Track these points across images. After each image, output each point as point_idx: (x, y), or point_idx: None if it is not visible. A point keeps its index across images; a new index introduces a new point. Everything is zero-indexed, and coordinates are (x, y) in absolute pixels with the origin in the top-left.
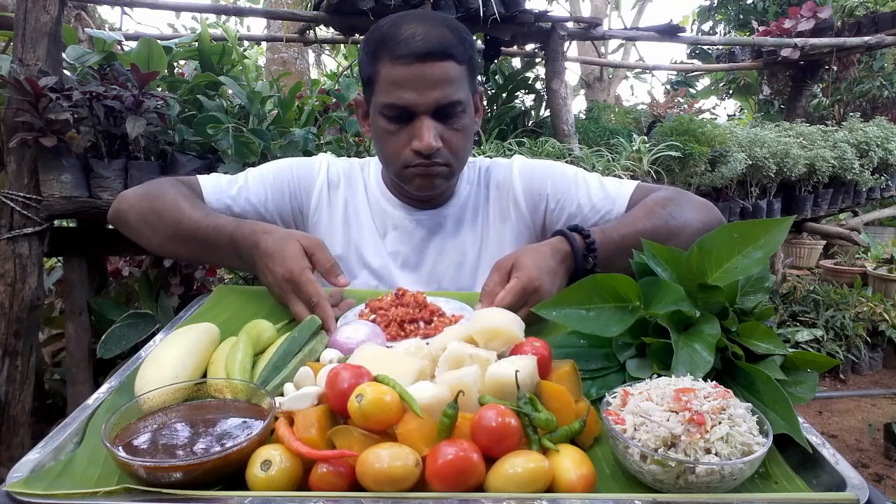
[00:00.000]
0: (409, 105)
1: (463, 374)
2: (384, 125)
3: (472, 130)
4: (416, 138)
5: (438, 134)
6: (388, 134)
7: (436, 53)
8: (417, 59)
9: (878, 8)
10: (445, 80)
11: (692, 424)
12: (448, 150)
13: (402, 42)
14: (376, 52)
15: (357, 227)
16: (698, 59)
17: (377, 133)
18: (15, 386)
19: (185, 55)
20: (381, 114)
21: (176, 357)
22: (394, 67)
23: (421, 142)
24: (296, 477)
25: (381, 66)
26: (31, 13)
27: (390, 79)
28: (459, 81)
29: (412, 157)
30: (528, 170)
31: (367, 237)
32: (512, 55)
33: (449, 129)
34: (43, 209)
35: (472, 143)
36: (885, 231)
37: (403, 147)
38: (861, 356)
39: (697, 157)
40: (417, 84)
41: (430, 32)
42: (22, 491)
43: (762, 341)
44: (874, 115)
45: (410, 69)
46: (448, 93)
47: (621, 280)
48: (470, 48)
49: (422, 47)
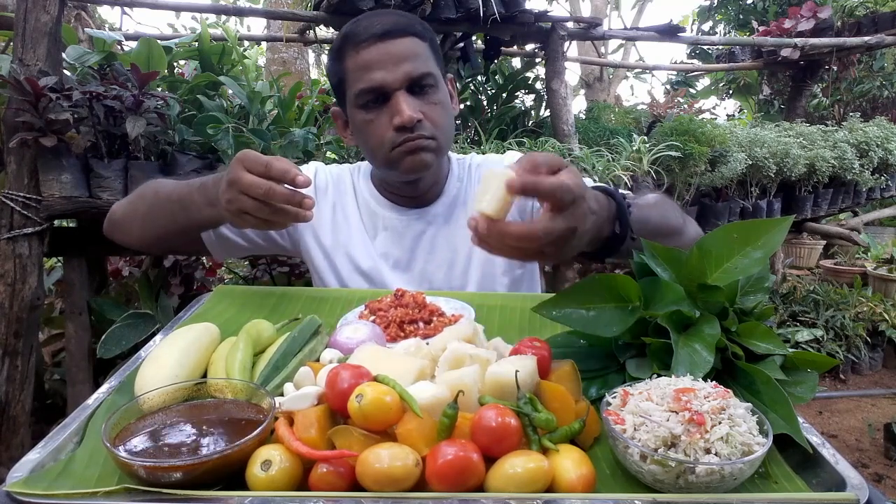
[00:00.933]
0: (381, 84)
1: (463, 374)
2: (363, 116)
3: (450, 108)
4: (396, 114)
5: (417, 107)
6: (368, 123)
7: (396, 31)
8: (379, 38)
9: (878, 8)
10: (411, 54)
11: (692, 424)
12: (430, 123)
13: (361, 30)
14: (340, 51)
15: (346, 229)
16: (698, 59)
17: (358, 130)
18: (15, 386)
19: (185, 55)
20: (357, 105)
21: (176, 357)
22: (359, 54)
23: (401, 116)
24: (296, 477)
25: (347, 60)
26: (31, 13)
27: (358, 65)
28: (425, 56)
29: (396, 136)
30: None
31: (357, 239)
32: (512, 55)
33: (426, 103)
34: (43, 209)
35: (453, 122)
36: (885, 231)
37: (385, 129)
38: (861, 356)
39: (697, 157)
40: (385, 62)
41: (386, 17)
42: (22, 491)
43: (762, 341)
44: (874, 115)
45: (375, 49)
46: (417, 65)
47: (621, 280)
48: (430, 33)
49: (380, 28)
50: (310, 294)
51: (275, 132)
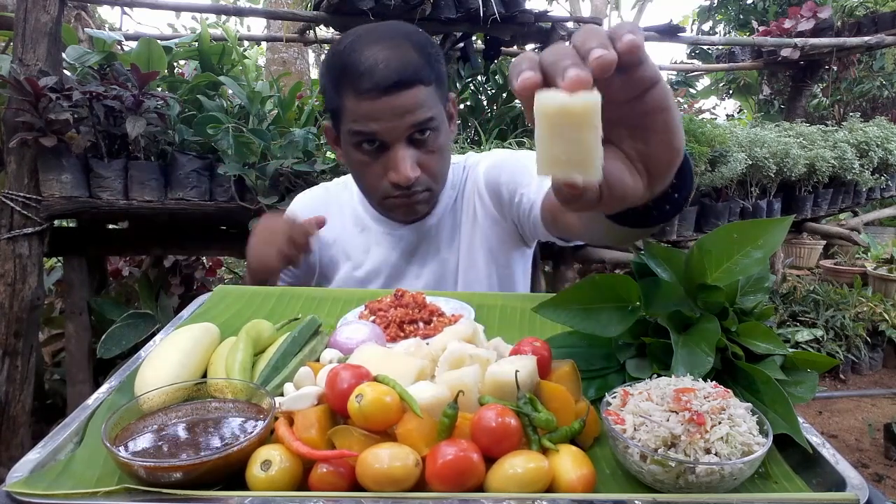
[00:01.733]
0: (380, 135)
1: (463, 374)
2: (357, 156)
3: (448, 145)
4: (393, 170)
5: (415, 161)
6: (362, 165)
7: (402, 82)
8: (382, 91)
9: (878, 8)
10: (417, 105)
11: (692, 424)
12: (427, 175)
13: (364, 74)
14: (339, 84)
15: (338, 248)
16: (698, 59)
17: (351, 163)
18: (15, 386)
19: (185, 55)
20: (353, 144)
21: (176, 357)
22: (360, 102)
23: (398, 174)
24: (296, 477)
25: (346, 100)
26: (31, 13)
27: (357, 112)
28: (430, 102)
29: (391, 188)
30: (496, 161)
31: (350, 256)
32: (512, 55)
33: (425, 152)
34: (43, 209)
35: (449, 157)
36: (885, 231)
37: (380, 179)
38: (861, 356)
39: (697, 157)
40: (387, 115)
41: (392, 58)
42: (22, 491)
43: (762, 341)
44: (874, 115)
45: (378, 103)
46: (420, 114)
47: (621, 280)
48: (436, 62)
49: (386, 77)
50: (310, 294)
51: (275, 132)
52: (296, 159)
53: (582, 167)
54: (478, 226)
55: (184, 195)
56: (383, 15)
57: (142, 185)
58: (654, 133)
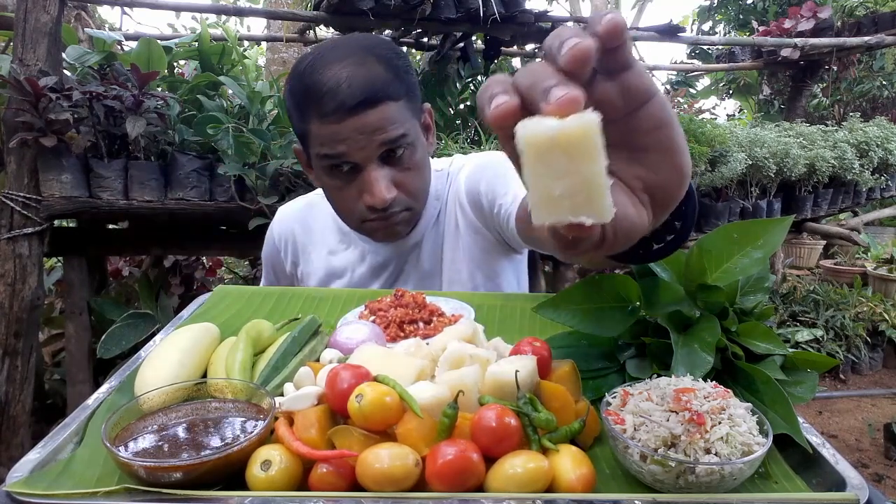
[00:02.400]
0: (350, 158)
1: (463, 374)
2: (330, 181)
3: (426, 162)
4: (367, 192)
5: (390, 180)
6: (336, 189)
7: (368, 100)
8: (349, 112)
9: (878, 8)
10: (386, 123)
11: (692, 424)
12: (405, 195)
13: (327, 95)
14: (302, 108)
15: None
16: (698, 59)
17: (325, 188)
18: (15, 386)
19: (185, 55)
20: (323, 169)
21: (176, 357)
22: (325, 125)
23: (373, 196)
24: (296, 477)
25: (311, 124)
26: (31, 13)
27: (324, 136)
28: (400, 118)
29: (367, 211)
30: (476, 167)
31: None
32: (512, 55)
33: (401, 170)
34: (43, 209)
35: (429, 173)
36: (885, 231)
37: (355, 202)
38: (861, 356)
39: (697, 157)
40: (356, 135)
41: (355, 76)
42: (22, 491)
43: (762, 341)
44: (874, 115)
45: (344, 125)
46: (390, 134)
47: (621, 280)
48: (405, 73)
49: (351, 96)
50: (310, 294)
51: (275, 132)
52: (296, 159)
53: (588, 206)
54: (460, 236)
55: (184, 195)
56: (383, 15)
57: (142, 185)
58: (656, 154)
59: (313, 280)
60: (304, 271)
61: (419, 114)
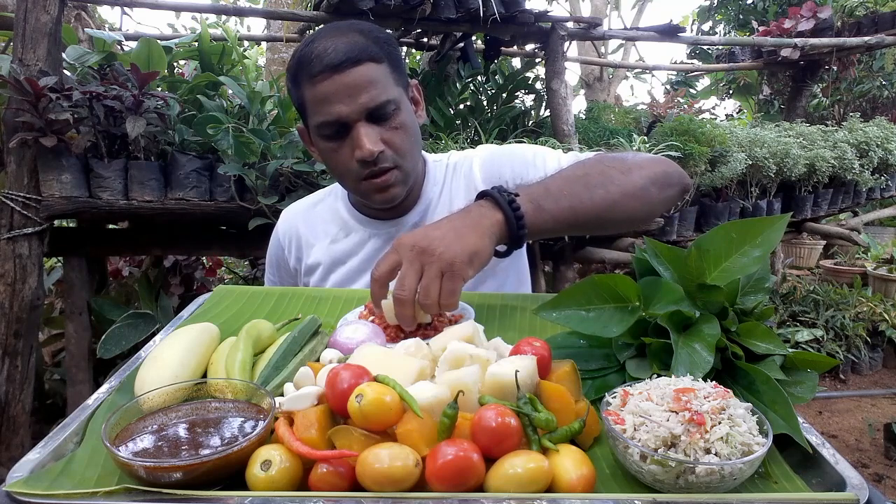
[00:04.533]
0: (340, 117)
1: (463, 374)
2: (325, 146)
3: (414, 126)
4: (357, 147)
5: (378, 137)
6: (331, 153)
7: (350, 60)
8: (333, 70)
9: (878, 8)
10: (368, 82)
11: (692, 424)
12: (393, 151)
13: (314, 60)
14: (296, 77)
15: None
16: (698, 59)
17: (324, 156)
18: (15, 386)
19: (185, 55)
20: (320, 135)
21: (176, 357)
22: (315, 87)
23: (361, 150)
24: (296, 477)
25: (304, 89)
26: (31, 13)
27: (315, 98)
28: (384, 81)
29: (360, 168)
30: (489, 157)
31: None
32: (512, 55)
33: (388, 129)
34: (43, 209)
35: (418, 138)
36: (885, 231)
37: (349, 161)
38: (861, 356)
39: (697, 157)
40: (341, 94)
41: (338, 42)
42: (22, 491)
43: (762, 341)
44: (874, 115)
45: (329, 83)
46: (375, 94)
47: (621, 280)
48: (386, 45)
49: (333, 58)
50: (310, 294)
51: (275, 132)
52: (296, 159)
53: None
54: None
55: (184, 195)
56: (383, 15)
57: (142, 185)
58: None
59: (318, 271)
60: (307, 264)
61: (406, 86)
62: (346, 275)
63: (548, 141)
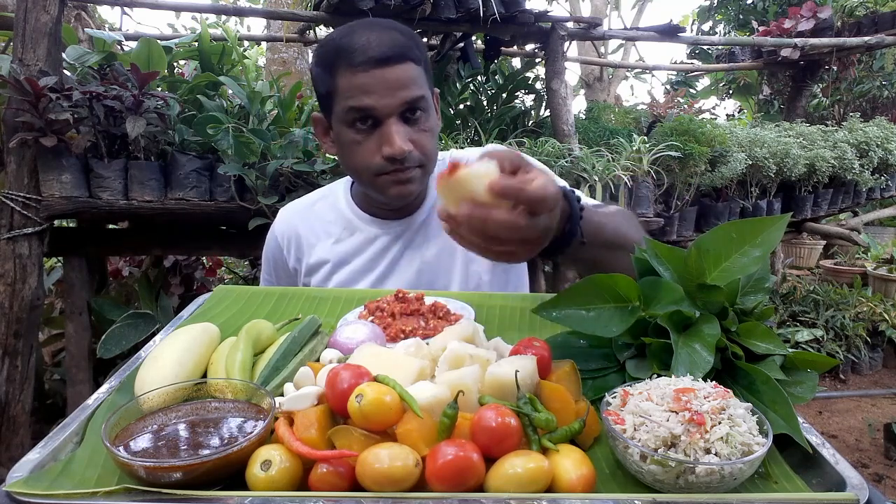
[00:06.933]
0: (374, 109)
1: (463, 374)
2: (350, 135)
3: (437, 129)
4: (387, 144)
5: (408, 137)
6: (354, 144)
7: (395, 57)
8: (377, 64)
9: (878, 8)
10: (408, 81)
11: (692, 424)
12: (419, 152)
13: (358, 50)
14: (333, 65)
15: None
16: (698, 59)
17: (343, 145)
18: (15, 386)
19: (185, 55)
20: (346, 123)
21: (176, 357)
22: (354, 76)
23: (392, 147)
24: (296, 477)
25: (340, 77)
26: (31, 13)
27: (352, 86)
28: (420, 82)
29: (384, 164)
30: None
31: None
32: (512, 55)
33: (417, 130)
34: (43, 209)
35: (437, 141)
36: (885, 231)
37: (373, 155)
38: (861, 356)
39: (697, 157)
40: (380, 88)
41: (383, 38)
42: (22, 491)
43: (762, 341)
44: (874, 115)
45: (371, 74)
46: (411, 94)
47: (621, 280)
48: (421, 50)
49: (380, 52)
50: (310, 294)
51: (275, 132)
52: (296, 159)
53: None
54: None
55: (184, 195)
56: (383, 15)
57: (142, 185)
58: None
59: (321, 271)
60: (308, 264)
61: (432, 90)
62: (350, 274)
63: (548, 141)
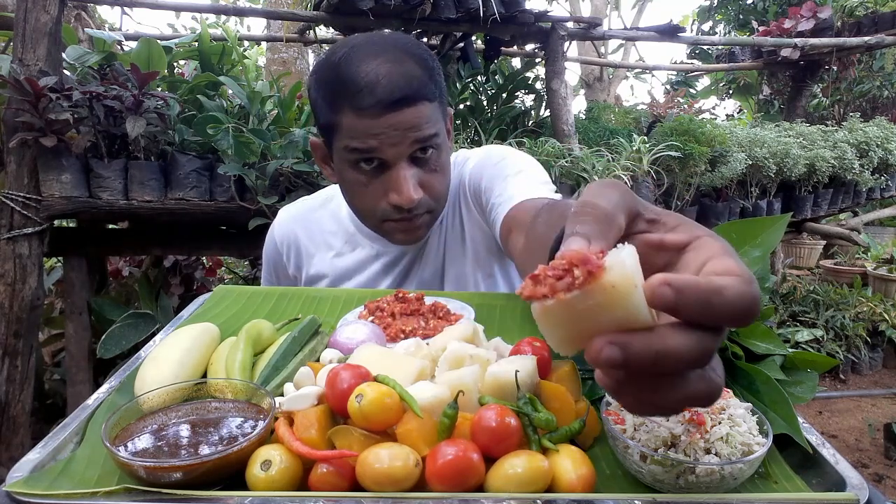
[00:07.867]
0: (381, 154)
1: (463, 374)
2: (354, 175)
3: (449, 163)
4: (394, 191)
5: (418, 181)
6: (359, 185)
7: (407, 99)
8: (385, 108)
9: (878, 8)
10: (420, 123)
11: (692, 424)
12: (430, 196)
13: (364, 90)
14: (334, 100)
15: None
16: (698, 59)
17: (345, 182)
18: (15, 386)
19: (185, 55)
20: (349, 162)
21: (176, 357)
22: (360, 120)
23: (400, 195)
24: (296, 477)
25: (343, 116)
26: (31, 13)
27: (356, 129)
28: (433, 119)
29: (391, 210)
30: (476, 164)
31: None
32: (512, 55)
33: (428, 171)
34: (43, 209)
35: (450, 175)
36: (885, 231)
37: (379, 200)
38: (861, 356)
39: (697, 157)
40: (390, 133)
41: (394, 73)
42: (22, 491)
43: (762, 341)
44: (874, 115)
45: (380, 120)
46: (422, 135)
47: None
48: (437, 76)
49: (390, 94)
50: (310, 294)
51: (275, 132)
52: (296, 159)
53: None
54: (464, 232)
55: (184, 195)
56: (383, 15)
57: (142, 185)
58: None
59: (320, 285)
60: (308, 274)
61: (446, 116)
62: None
63: (547, 141)
